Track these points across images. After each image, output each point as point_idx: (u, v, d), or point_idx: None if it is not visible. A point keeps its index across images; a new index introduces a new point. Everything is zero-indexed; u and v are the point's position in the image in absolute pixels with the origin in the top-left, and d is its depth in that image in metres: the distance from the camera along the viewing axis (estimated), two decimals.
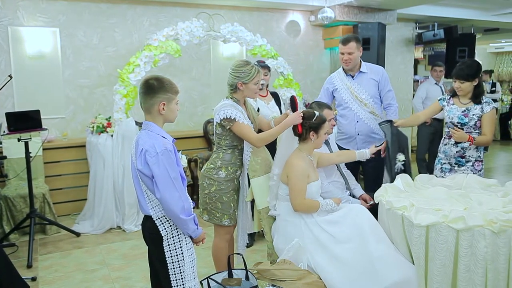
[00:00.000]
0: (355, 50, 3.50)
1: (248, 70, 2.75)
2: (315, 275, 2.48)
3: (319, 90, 3.86)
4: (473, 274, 2.19)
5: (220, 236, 2.94)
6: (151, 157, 2.00)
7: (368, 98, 3.56)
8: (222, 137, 2.84)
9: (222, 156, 2.84)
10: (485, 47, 12.16)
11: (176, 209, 2.02)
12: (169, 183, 2.01)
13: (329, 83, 3.73)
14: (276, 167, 2.83)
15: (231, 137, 2.81)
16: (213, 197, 2.82)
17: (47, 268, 3.69)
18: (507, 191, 2.69)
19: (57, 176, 4.90)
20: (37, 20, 4.95)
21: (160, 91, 2.08)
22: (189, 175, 5.35)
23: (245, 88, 2.77)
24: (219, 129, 2.82)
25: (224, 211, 2.85)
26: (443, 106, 3.42)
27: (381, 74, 3.62)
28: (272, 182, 2.83)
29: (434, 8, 6.91)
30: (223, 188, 2.82)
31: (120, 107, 4.51)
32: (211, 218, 2.88)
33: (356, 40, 3.52)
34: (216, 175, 2.82)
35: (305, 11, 6.52)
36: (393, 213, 2.48)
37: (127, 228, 4.53)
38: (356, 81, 3.60)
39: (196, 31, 4.82)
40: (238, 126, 2.72)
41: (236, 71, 2.75)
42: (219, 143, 2.86)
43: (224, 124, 2.76)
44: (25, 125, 3.99)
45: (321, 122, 2.73)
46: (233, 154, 2.85)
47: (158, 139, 2.05)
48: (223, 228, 2.91)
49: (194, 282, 2.15)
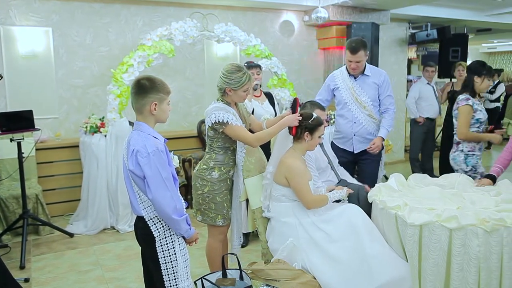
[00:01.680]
0: (363, 58, 3.51)
1: (239, 78, 2.71)
2: (310, 275, 2.49)
3: (313, 90, 3.89)
4: (466, 273, 2.21)
5: (213, 236, 2.93)
6: (143, 158, 1.99)
7: (367, 101, 3.58)
8: (214, 139, 2.82)
9: (215, 156, 2.83)
10: (477, 47, 12.26)
11: (168, 210, 2.01)
12: (160, 184, 2.00)
13: (330, 80, 3.73)
14: (270, 165, 2.83)
15: (223, 139, 2.80)
16: (206, 197, 2.81)
17: (40, 269, 3.67)
18: (499, 190, 2.72)
19: (50, 176, 4.87)
20: (29, 20, 4.92)
21: (152, 91, 2.07)
22: (183, 175, 5.34)
23: (233, 94, 2.74)
24: (211, 131, 2.80)
25: (217, 211, 2.84)
26: (476, 109, 3.38)
27: (382, 77, 3.62)
28: (266, 181, 2.83)
29: (427, 8, 6.94)
30: (216, 188, 2.81)
31: (114, 107, 4.49)
32: (205, 218, 2.87)
33: (364, 48, 3.50)
34: (209, 176, 2.80)
35: (299, 11, 6.53)
36: (386, 212, 2.49)
37: (121, 228, 4.51)
38: (358, 82, 3.61)
39: (190, 31, 4.81)
40: (231, 128, 2.70)
41: (227, 77, 2.72)
42: (211, 145, 2.84)
43: (216, 127, 2.74)
44: (17, 125, 3.96)
45: (318, 125, 2.74)
46: (226, 155, 2.84)
47: (150, 139, 2.04)
48: (217, 229, 2.90)
49: (187, 282, 2.14)
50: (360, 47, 3.47)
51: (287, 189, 2.70)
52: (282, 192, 2.72)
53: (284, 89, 5.54)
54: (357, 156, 3.71)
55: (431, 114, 5.90)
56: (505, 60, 12.50)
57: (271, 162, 2.84)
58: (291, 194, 2.70)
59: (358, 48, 3.46)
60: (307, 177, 2.69)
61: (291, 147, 2.81)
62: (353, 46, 3.48)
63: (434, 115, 5.93)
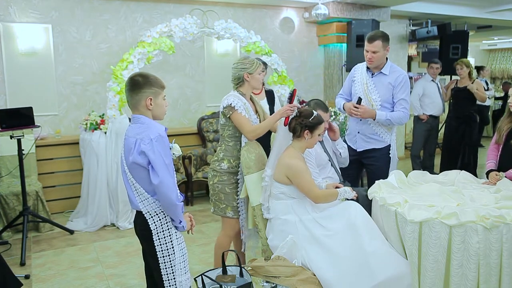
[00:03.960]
0: (381, 49, 3.27)
1: (251, 61, 2.88)
2: (309, 272, 2.49)
3: (313, 87, 3.85)
4: (465, 270, 2.21)
5: (225, 230, 3.01)
6: (146, 144, 2.00)
7: (377, 100, 3.36)
8: (225, 127, 2.92)
9: (225, 147, 2.93)
10: (478, 44, 12.22)
11: (172, 195, 2.02)
12: (165, 169, 2.02)
13: (351, 73, 3.58)
14: (268, 168, 2.81)
15: (233, 127, 2.89)
16: (216, 187, 2.92)
17: (41, 266, 3.68)
18: (499, 187, 2.72)
19: (50, 173, 4.87)
20: (29, 16, 4.91)
21: (146, 86, 2.07)
22: (183, 172, 5.34)
23: (251, 78, 2.88)
24: (223, 118, 2.90)
25: (227, 202, 2.92)
26: None
27: (400, 78, 3.34)
28: (265, 183, 2.81)
29: (427, 5, 6.92)
30: (225, 179, 2.90)
31: (114, 104, 4.49)
32: (216, 209, 2.97)
33: (383, 39, 3.28)
34: (219, 167, 2.91)
35: (299, 8, 6.51)
36: (386, 209, 2.49)
37: (121, 225, 4.52)
38: (374, 80, 3.39)
39: (190, 27, 4.80)
40: (236, 115, 2.80)
41: (241, 63, 2.87)
42: (223, 134, 2.94)
43: (225, 112, 2.84)
44: (17, 122, 3.96)
45: (318, 123, 2.72)
46: (235, 147, 2.92)
47: (151, 126, 2.05)
48: (228, 221, 2.97)
49: (185, 276, 2.15)
50: (378, 37, 3.28)
51: (286, 187, 2.69)
52: (282, 190, 2.71)
53: (284, 86, 5.54)
54: (363, 157, 3.54)
55: (435, 112, 5.89)
56: (505, 57, 12.46)
57: (269, 164, 2.81)
58: (290, 192, 2.70)
59: (375, 37, 3.27)
60: (309, 173, 2.69)
61: (290, 145, 2.79)
62: (371, 35, 3.31)
63: (438, 112, 5.92)
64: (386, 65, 3.39)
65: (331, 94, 6.70)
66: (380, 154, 3.49)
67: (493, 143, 3.19)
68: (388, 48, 3.33)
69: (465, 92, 5.52)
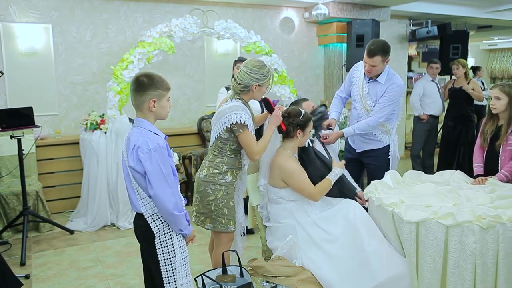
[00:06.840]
0: (380, 64, 3.25)
1: (266, 73, 2.62)
2: (309, 272, 2.49)
3: (313, 87, 3.83)
4: (462, 270, 2.22)
5: (223, 245, 2.73)
6: (144, 154, 1.99)
7: (371, 106, 3.40)
8: (228, 142, 2.64)
9: (227, 160, 2.66)
10: (478, 44, 12.20)
11: (169, 206, 2.02)
12: (162, 180, 2.01)
13: (351, 72, 3.57)
14: (261, 177, 2.79)
15: (237, 142, 2.64)
16: (220, 203, 2.64)
17: (41, 266, 3.69)
18: (494, 187, 2.72)
19: (50, 173, 4.88)
20: (29, 16, 4.92)
21: (150, 88, 2.06)
22: (183, 172, 5.35)
23: (258, 90, 2.64)
24: (226, 133, 2.61)
25: (230, 216, 2.68)
26: None
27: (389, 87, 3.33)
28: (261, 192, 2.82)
29: (427, 5, 6.92)
30: (230, 192, 2.67)
31: (114, 104, 4.49)
32: (216, 226, 2.67)
33: (383, 53, 3.22)
34: (223, 180, 2.64)
35: (299, 8, 6.52)
36: (383, 209, 2.49)
37: (121, 225, 4.53)
38: (369, 85, 3.42)
39: (190, 27, 4.81)
40: (246, 134, 2.57)
41: (256, 72, 2.59)
42: (223, 147, 2.66)
43: (234, 129, 2.56)
44: (17, 122, 3.97)
45: (308, 120, 2.73)
46: (237, 159, 2.70)
47: (150, 135, 2.05)
48: (227, 235, 2.73)
49: (186, 279, 2.15)
50: (378, 51, 3.20)
51: (284, 190, 2.69)
52: (280, 194, 2.71)
53: (285, 86, 5.54)
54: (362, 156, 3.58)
55: (435, 112, 5.89)
56: (505, 57, 12.44)
57: (261, 174, 2.79)
58: (288, 195, 2.70)
59: (375, 52, 3.20)
60: (303, 173, 2.68)
61: (280, 146, 2.77)
62: (371, 49, 3.22)
63: (438, 112, 5.92)
64: (383, 74, 3.36)
65: (331, 94, 6.69)
66: (380, 154, 3.52)
67: (477, 148, 3.18)
68: (387, 60, 3.30)
69: (461, 92, 5.54)
